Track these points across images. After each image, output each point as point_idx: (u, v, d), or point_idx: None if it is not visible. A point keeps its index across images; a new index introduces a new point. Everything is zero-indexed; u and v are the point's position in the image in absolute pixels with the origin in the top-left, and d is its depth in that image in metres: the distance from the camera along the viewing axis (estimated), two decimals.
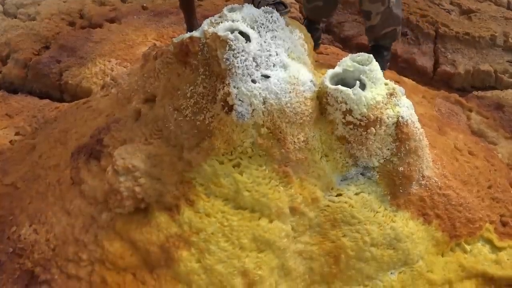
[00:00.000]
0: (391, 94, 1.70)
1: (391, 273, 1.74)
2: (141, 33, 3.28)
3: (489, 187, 2.07)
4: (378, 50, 2.39)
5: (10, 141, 2.45)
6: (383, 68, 1.89)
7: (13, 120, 2.58)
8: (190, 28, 2.35)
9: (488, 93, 2.89)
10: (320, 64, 2.28)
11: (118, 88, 2.26)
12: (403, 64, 3.24)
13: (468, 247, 1.85)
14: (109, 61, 2.98)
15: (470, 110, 2.72)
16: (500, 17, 3.42)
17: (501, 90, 2.96)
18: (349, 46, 3.38)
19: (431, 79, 3.20)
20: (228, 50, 1.54)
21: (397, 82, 2.44)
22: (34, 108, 2.70)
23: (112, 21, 3.49)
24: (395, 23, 2.31)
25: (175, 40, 1.73)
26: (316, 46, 2.50)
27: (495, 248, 1.89)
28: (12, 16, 3.56)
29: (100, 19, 3.49)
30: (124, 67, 2.92)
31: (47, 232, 1.78)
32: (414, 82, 2.94)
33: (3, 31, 3.34)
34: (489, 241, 1.89)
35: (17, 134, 2.52)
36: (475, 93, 2.93)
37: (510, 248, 1.90)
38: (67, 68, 3.00)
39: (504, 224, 1.96)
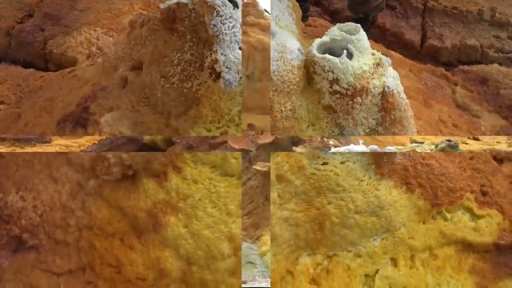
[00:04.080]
0: (377, 64, 1.71)
1: (373, 239, 1.79)
2: (127, 2, 3.19)
3: (471, 158, 2.11)
4: (365, 22, 2.38)
5: None
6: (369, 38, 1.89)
7: None
8: None
9: (474, 68, 2.91)
10: (309, 36, 2.27)
11: (104, 57, 2.23)
12: (391, 38, 3.24)
13: (448, 215, 1.90)
14: (95, 30, 2.92)
15: (456, 84, 2.75)
16: None
17: (486, 64, 2.98)
18: (338, 19, 3.34)
19: (418, 53, 3.21)
20: (216, 16, 1.53)
21: (384, 55, 2.45)
22: (18, 77, 2.64)
23: None
24: None
25: (162, 6, 1.71)
26: (304, 18, 2.49)
27: (475, 216, 1.94)
28: None
29: None
30: (110, 36, 2.86)
31: (34, 199, 1.78)
32: (401, 55, 2.94)
33: None
34: (469, 210, 1.95)
35: (1, 103, 2.48)
36: (460, 67, 2.95)
37: (489, 216, 1.95)
38: (51, 37, 2.93)
39: (484, 193, 2.02)
